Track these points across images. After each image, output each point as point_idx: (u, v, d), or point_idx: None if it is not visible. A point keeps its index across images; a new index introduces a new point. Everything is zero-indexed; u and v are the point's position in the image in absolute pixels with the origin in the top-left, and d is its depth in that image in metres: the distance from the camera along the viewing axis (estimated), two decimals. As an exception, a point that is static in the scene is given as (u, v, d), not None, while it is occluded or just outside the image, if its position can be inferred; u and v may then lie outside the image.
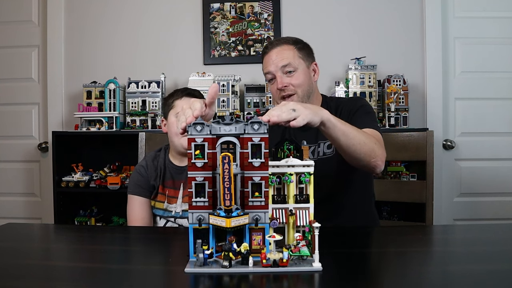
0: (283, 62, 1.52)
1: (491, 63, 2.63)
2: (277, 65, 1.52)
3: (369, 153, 1.27)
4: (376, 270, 0.85)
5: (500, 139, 2.64)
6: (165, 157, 1.68)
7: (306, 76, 1.55)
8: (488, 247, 1.00)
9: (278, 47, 1.55)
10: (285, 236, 0.95)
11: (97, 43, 2.80)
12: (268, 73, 1.56)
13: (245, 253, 0.87)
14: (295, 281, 0.85)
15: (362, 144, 1.24)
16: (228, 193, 0.86)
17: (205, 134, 0.91)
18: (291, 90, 1.53)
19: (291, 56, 1.53)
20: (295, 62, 1.53)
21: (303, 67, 1.55)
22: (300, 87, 1.53)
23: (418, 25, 2.64)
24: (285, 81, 1.52)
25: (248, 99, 2.54)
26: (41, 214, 2.84)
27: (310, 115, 1.07)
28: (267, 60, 1.56)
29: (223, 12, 2.72)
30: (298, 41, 1.60)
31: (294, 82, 1.53)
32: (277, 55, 1.53)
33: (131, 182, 1.66)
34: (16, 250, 1.13)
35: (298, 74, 1.53)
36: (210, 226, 0.90)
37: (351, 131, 1.22)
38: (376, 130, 1.45)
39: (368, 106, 1.60)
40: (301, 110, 1.05)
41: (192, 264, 0.89)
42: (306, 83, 1.55)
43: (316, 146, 1.57)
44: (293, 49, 1.55)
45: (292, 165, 0.95)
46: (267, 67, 1.56)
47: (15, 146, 2.86)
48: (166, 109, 1.68)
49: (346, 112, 1.54)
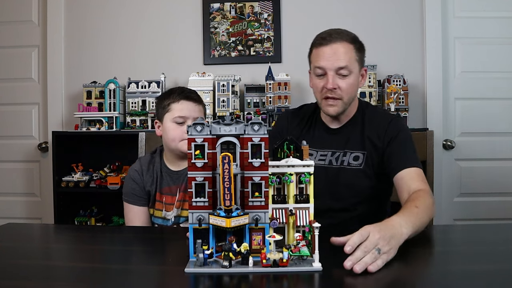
0: (340, 63, 1.40)
1: (491, 63, 2.62)
2: (333, 64, 1.40)
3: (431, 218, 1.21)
4: (376, 270, 0.84)
5: (500, 139, 2.63)
6: (161, 161, 1.61)
7: (356, 81, 1.46)
8: (488, 247, 1.01)
9: (337, 42, 1.41)
10: (285, 236, 0.95)
11: (97, 43, 2.79)
12: (319, 67, 1.43)
13: (245, 253, 0.88)
14: (295, 281, 0.85)
15: (428, 219, 1.17)
16: (228, 193, 0.86)
17: (205, 134, 0.91)
18: (338, 95, 1.43)
19: (349, 58, 1.41)
20: (351, 65, 1.42)
21: (356, 71, 1.45)
22: (348, 93, 1.44)
23: (418, 25, 2.64)
24: (336, 83, 1.42)
25: (248, 99, 2.54)
26: (41, 214, 2.84)
27: (392, 255, 0.94)
28: (322, 53, 1.42)
29: (223, 12, 2.72)
30: (356, 39, 1.48)
31: (345, 86, 1.42)
32: (336, 52, 1.41)
33: (125, 189, 1.59)
34: (16, 250, 1.13)
35: (350, 78, 1.43)
36: (210, 226, 0.90)
37: (423, 223, 1.12)
38: (418, 166, 1.38)
39: (406, 130, 1.51)
40: (387, 250, 0.92)
41: (192, 264, 0.89)
42: (354, 89, 1.47)
43: (341, 154, 1.51)
44: (352, 50, 1.43)
45: (292, 165, 0.95)
46: (320, 61, 1.43)
47: (15, 146, 2.85)
48: (160, 112, 1.57)
49: (383, 133, 1.46)
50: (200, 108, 1.58)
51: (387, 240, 0.93)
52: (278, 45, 2.68)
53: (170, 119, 1.53)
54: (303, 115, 1.64)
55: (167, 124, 1.54)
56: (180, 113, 1.52)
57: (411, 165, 1.36)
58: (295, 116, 1.65)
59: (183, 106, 1.53)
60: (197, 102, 1.57)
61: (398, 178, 1.36)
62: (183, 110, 1.52)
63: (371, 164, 1.47)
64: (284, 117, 1.69)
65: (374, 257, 0.89)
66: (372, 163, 1.47)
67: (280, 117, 1.75)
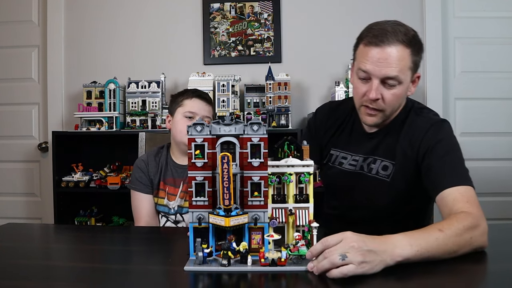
0: (389, 72, 1.18)
1: (491, 63, 2.63)
2: (381, 72, 1.18)
3: (472, 249, 0.98)
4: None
5: (500, 139, 2.63)
6: (167, 155, 1.70)
7: (404, 92, 1.25)
8: (488, 247, 1.00)
9: (392, 45, 1.17)
10: (284, 235, 0.96)
11: (97, 43, 2.80)
12: (364, 71, 1.21)
13: (244, 252, 0.89)
14: (293, 280, 0.85)
15: (462, 248, 0.96)
16: (228, 193, 0.87)
17: (205, 134, 0.92)
18: (380, 106, 1.24)
19: (402, 66, 1.19)
20: (402, 74, 1.19)
21: (407, 80, 1.23)
22: (391, 105, 1.24)
23: (418, 25, 2.63)
24: (380, 94, 1.21)
25: (248, 99, 2.54)
26: (41, 214, 2.84)
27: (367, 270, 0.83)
28: (370, 55, 1.19)
29: (223, 12, 2.72)
30: (415, 40, 1.22)
31: (389, 98, 1.22)
32: (387, 58, 1.17)
33: (132, 177, 1.69)
34: (16, 250, 1.13)
35: (398, 89, 1.21)
36: (209, 225, 0.91)
37: (447, 250, 0.93)
38: (465, 184, 1.13)
39: (449, 139, 1.24)
40: (357, 262, 0.82)
41: (192, 263, 0.90)
42: (400, 100, 1.27)
43: (371, 160, 1.33)
44: (408, 55, 1.19)
45: (292, 165, 0.96)
46: (366, 64, 1.20)
47: (15, 146, 2.86)
48: (173, 106, 1.69)
49: (417, 142, 1.24)
50: (209, 108, 1.68)
51: (361, 252, 0.83)
52: (278, 45, 2.68)
53: (181, 113, 1.64)
54: (341, 113, 1.46)
55: (178, 117, 1.64)
56: (191, 109, 1.63)
57: (453, 184, 1.12)
58: (332, 112, 1.48)
59: (194, 103, 1.64)
60: (207, 102, 1.68)
61: (438, 200, 1.14)
62: (194, 106, 1.64)
63: (403, 178, 1.27)
64: (322, 112, 1.51)
65: (332, 263, 0.82)
66: (405, 177, 1.27)
67: (318, 111, 1.54)
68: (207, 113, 1.65)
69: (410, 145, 1.26)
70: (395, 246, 0.87)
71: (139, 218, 1.63)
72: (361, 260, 0.82)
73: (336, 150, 1.44)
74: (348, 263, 0.82)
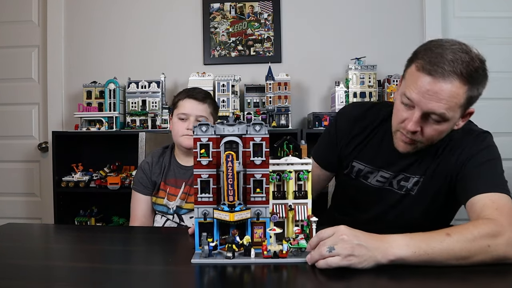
0: (435, 109, 1.05)
1: (491, 63, 2.57)
2: (427, 106, 1.05)
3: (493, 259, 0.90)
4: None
5: (500, 139, 2.61)
6: (171, 155, 1.71)
7: (449, 128, 1.13)
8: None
9: (447, 80, 1.03)
10: (284, 229, 1.02)
11: (97, 43, 2.80)
12: (409, 98, 1.08)
13: (247, 245, 0.95)
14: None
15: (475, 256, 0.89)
16: (232, 189, 0.93)
17: (210, 134, 0.98)
18: (417, 138, 1.13)
19: (452, 105, 1.05)
20: (451, 112, 1.07)
21: (455, 117, 1.11)
22: (430, 140, 1.14)
23: (418, 25, 2.64)
24: (419, 126, 1.11)
25: (248, 99, 2.54)
26: (41, 214, 2.84)
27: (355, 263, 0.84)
28: (420, 83, 1.05)
29: (223, 12, 2.73)
30: (477, 73, 1.06)
31: (429, 134, 1.12)
32: (437, 93, 1.03)
33: (135, 178, 1.71)
34: (16, 250, 1.13)
35: (442, 126, 1.10)
36: (214, 220, 0.97)
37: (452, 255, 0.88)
38: (500, 191, 1.04)
39: (490, 149, 1.19)
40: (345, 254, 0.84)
41: (198, 256, 0.96)
42: (441, 137, 1.16)
43: (403, 177, 1.26)
44: (463, 93, 1.05)
45: (291, 163, 1.01)
46: (413, 92, 1.07)
47: (15, 146, 2.86)
48: (172, 108, 1.72)
49: (462, 152, 1.17)
50: (203, 107, 1.65)
51: (351, 245, 0.84)
52: (278, 45, 2.68)
53: (176, 114, 1.66)
54: (368, 123, 1.33)
55: (174, 119, 1.67)
56: (183, 110, 1.63)
57: (486, 190, 1.05)
58: (357, 122, 1.34)
59: (186, 104, 1.64)
60: (200, 101, 1.64)
61: (468, 206, 1.07)
62: (186, 107, 1.64)
63: (435, 193, 1.22)
64: (346, 120, 1.37)
65: (321, 254, 0.85)
66: (438, 192, 1.22)
67: (341, 117, 1.39)
68: (200, 112, 1.62)
69: (449, 156, 1.19)
70: (391, 245, 0.87)
71: (135, 218, 1.65)
72: (348, 253, 0.84)
73: (359, 163, 1.32)
74: (335, 255, 0.85)
